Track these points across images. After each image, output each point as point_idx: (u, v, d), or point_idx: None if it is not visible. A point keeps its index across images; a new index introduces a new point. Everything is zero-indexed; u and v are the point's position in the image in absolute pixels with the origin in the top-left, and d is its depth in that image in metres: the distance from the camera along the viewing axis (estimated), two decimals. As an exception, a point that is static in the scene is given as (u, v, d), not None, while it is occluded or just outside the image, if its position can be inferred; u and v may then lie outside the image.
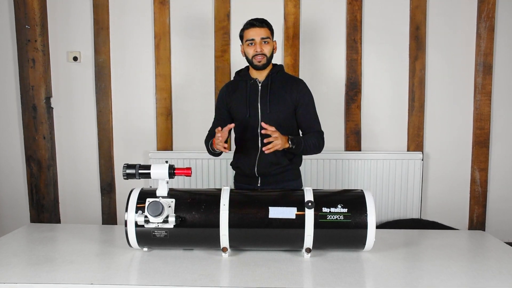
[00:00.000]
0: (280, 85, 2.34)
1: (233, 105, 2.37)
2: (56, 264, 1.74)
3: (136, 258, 1.80)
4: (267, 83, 2.32)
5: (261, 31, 2.29)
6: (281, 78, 2.37)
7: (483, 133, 3.33)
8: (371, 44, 3.30)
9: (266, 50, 2.29)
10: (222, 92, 2.46)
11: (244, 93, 2.35)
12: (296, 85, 2.36)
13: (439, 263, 1.76)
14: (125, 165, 1.81)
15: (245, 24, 2.34)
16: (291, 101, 2.31)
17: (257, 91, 2.33)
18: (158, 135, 3.40)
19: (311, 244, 1.76)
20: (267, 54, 2.30)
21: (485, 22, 3.24)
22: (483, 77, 3.28)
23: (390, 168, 3.29)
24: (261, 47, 2.28)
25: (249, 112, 2.31)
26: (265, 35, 2.29)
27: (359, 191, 1.85)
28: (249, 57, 2.31)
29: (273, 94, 2.31)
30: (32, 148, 3.38)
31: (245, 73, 2.40)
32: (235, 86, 2.42)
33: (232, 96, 2.38)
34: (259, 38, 2.28)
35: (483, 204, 3.39)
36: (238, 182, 2.46)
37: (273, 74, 2.35)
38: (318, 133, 2.34)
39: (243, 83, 2.38)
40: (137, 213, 1.74)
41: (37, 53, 3.28)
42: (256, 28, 2.29)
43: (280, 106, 2.30)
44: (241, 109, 2.34)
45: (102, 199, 3.48)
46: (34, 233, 2.14)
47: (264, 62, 2.29)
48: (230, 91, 2.41)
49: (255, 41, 2.28)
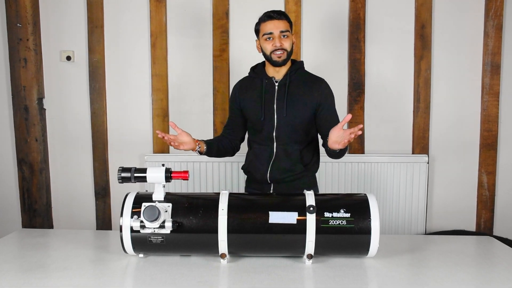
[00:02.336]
0: (299, 85, 2.22)
1: (247, 105, 2.28)
2: (49, 271, 1.74)
3: (131, 265, 1.80)
4: (285, 83, 2.21)
5: (280, 23, 2.16)
6: (301, 77, 2.25)
7: (490, 135, 3.33)
8: (374, 43, 3.31)
9: (286, 44, 2.17)
10: (235, 89, 2.36)
11: (259, 93, 2.24)
12: (318, 85, 2.23)
13: (445, 270, 1.76)
14: (120, 169, 1.81)
15: (261, 16, 2.21)
16: (310, 103, 2.20)
17: (274, 92, 2.22)
18: (154, 137, 3.40)
19: (313, 250, 1.76)
20: (288, 48, 2.17)
21: (493, 20, 3.25)
22: (490, 77, 3.29)
23: (394, 172, 3.30)
24: (280, 41, 2.15)
25: (263, 115, 2.22)
26: (284, 28, 2.16)
27: (363, 195, 1.85)
28: (267, 52, 2.18)
29: (291, 95, 2.20)
30: (24, 150, 3.39)
31: (261, 69, 2.29)
32: (249, 83, 2.31)
33: (246, 95, 2.29)
34: (278, 31, 2.15)
35: (490, 208, 3.39)
36: (249, 187, 2.39)
37: (292, 73, 2.23)
38: None
39: (258, 81, 2.27)
40: (133, 218, 1.75)
41: (29, 52, 3.28)
42: (275, 20, 2.16)
43: (299, 109, 2.19)
44: (255, 110, 2.24)
45: (96, 203, 3.48)
46: (26, 239, 2.14)
47: (285, 57, 2.17)
48: (244, 89, 2.32)
49: (273, 35, 2.16)
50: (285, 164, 2.22)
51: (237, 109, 2.34)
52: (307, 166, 2.26)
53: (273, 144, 2.25)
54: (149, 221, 1.70)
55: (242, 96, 2.31)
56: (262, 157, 2.26)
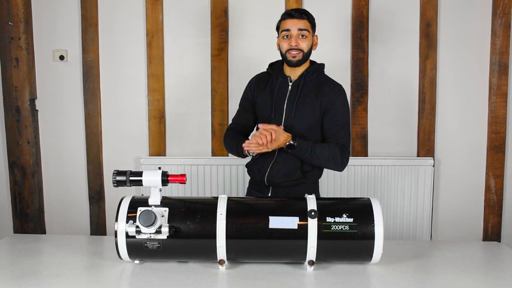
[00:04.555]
0: (313, 87, 2.21)
1: (259, 100, 2.29)
2: (41, 278, 1.74)
3: (126, 271, 1.81)
4: (299, 83, 2.21)
5: (300, 22, 2.15)
6: (316, 80, 2.24)
7: (498, 137, 3.34)
8: (378, 42, 3.31)
9: (303, 44, 2.15)
10: (251, 83, 2.37)
11: (272, 91, 2.25)
12: (328, 89, 2.20)
13: (452, 277, 1.76)
14: (115, 172, 1.81)
15: (282, 14, 2.23)
16: (318, 108, 2.19)
17: (286, 91, 2.23)
18: (150, 140, 3.40)
19: (314, 256, 1.77)
20: (304, 49, 2.16)
21: (501, 18, 3.25)
22: (498, 78, 3.29)
23: (398, 175, 3.30)
24: (296, 41, 2.15)
25: (274, 113, 2.22)
26: (303, 27, 2.15)
27: (366, 199, 1.85)
28: (283, 51, 2.19)
29: (302, 97, 2.19)
30: (16, 153, 3.39)
31: (279, 67, 2.29)
32: (265, 80, 2.32)
33: (260, 90, 2.30)
34: (295, 30, 2.15)
35: (498, 213, 3.39)
36: (251, 187, 2.41)
37: (308, 74, 2.22)
38: (338, 145, 2.14)
39: (274, 79, 2.28)
40: (128, 223, 1.75)
41: (21, 51, 3.29)
42: (294, 19, 2.16)
43: (306, 113, 2.18)
44: (266, 107, 2.26)
45: (91, 208, 3.48)
46: (17, 244, 2.14)
47: (300, 58, 2.17)
48: (259, 84, 2.32)
49: (290, 33, 2.16)
50: (284, 168, 2.22)
51: (249, 103, 2.35)
52: (306, 174, 2.23)
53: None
54: (145, 226, 1.70)
55: (257, 91, 2.32)
56: (264, 157, 2.26)
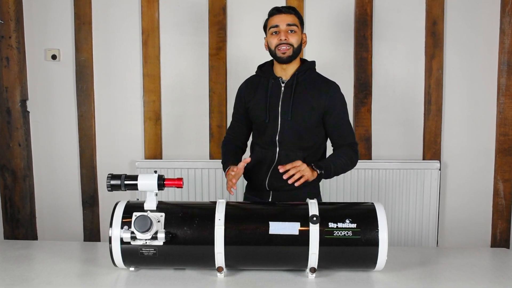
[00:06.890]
0: (307, 87, 2.23)
1: (251, 106, 2.29)
2: (33, 285, 1.74)
3: (121, 279, 1.81)
4: (292, 84, 2.22)
5: (288, 17, 2.18)
6: (310, 79, 2.26)
7: (507, 139, 3.34)
8: (382, 41, 3.32)
9: (292, 39, 2.17)
10: (240, 89, 2.38)
11: (265, 94, 2.25)
12: (326, 88, 2.23)
13: (459, 285, 1.76)
14: (110, 176, 1.81)
15: (269, 11, 2.24)
16: (318, 107, 2.20)
17: (279, 93, 2.23)
18: (146, 142, 3.41)
19: (316, 263, 1.77)
20: (294, 44, 2.18)
21: (509, 16, 3.26)
22: (507, 78, 3.29)
23: (404, 179, 3.30)
24: (286, 35, 2.16)
25: (268, 117, 2.23)
26: (292, 22, 2.18)
27: (370, 204, 1.86)
28: (272, 47, 2.20)
29: (297, 97, 2.21)
30: (6, 156, 3.39)
31: (268, 68, 2.30)
32: (255, 83, 2.32)
33: (251, 95, 2.30)
34: (284, 25, 2.17)
35: (507, 218, 3.39)
36: (249, 193, 2.41)
37: (300, 73, 2.24)
38: (350, 146, 2.25)
39: (264, 81, 2.28)
40: (123, 229, 1.75)
41: (12, 50, 3.29)
42: (282, 14, 2.19)
43: (304, 113, 2.20)
44: (259, 111, 2.26)
45: (84, 213, 3.48)
46: (8, 251, 2.13)
47: (290, 54, 2.18)
48: (250, 89, 2.33)
49: (279, 29, 2.18)
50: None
51: (242, 110, 2.36)
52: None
53: (275, 149, 2.25)
54: (140, 232, 1.71)
55: (248, 95, 2.32)
56: (263, 162, 2.27)
